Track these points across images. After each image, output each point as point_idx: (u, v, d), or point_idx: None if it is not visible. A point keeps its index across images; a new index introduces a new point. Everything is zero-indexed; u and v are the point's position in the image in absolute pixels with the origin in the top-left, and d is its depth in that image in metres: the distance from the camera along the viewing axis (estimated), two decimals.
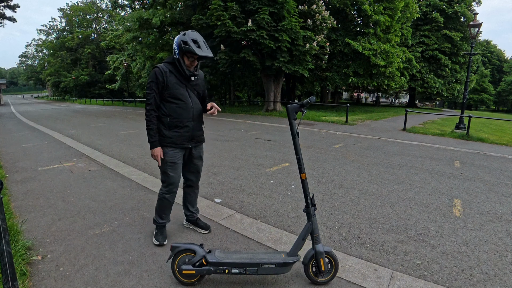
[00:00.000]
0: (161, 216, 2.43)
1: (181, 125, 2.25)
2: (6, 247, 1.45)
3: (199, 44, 2.10)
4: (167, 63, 2.24)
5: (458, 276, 2.07)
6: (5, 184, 3.83)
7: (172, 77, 2.20)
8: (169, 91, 2.20)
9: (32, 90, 79.73)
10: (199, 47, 2.10)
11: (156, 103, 2.21)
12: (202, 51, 2.10)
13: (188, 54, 2.13)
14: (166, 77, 2.17)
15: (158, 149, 2.24)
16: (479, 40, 41.12)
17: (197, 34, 2.15)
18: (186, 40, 2.08)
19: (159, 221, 2.44)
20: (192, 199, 2.59)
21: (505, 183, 4.27)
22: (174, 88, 2.20)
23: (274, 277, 1.99)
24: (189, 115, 2.26)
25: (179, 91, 2.22)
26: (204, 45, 2.13)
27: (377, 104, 38.98)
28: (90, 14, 51.14)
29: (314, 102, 1.74)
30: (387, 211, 3.14)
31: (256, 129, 9.65)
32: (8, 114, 17.44)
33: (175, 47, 2.16)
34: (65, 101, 42.87)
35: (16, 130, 9.44)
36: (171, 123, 2.23)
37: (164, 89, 2.19)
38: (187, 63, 2.19)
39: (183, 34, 2.12)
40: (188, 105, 2.25)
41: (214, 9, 13.13)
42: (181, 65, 2.17)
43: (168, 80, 2.18)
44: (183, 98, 2.23)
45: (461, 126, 10.00)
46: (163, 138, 2.26)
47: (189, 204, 2.59)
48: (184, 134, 2.27)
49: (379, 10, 16.68)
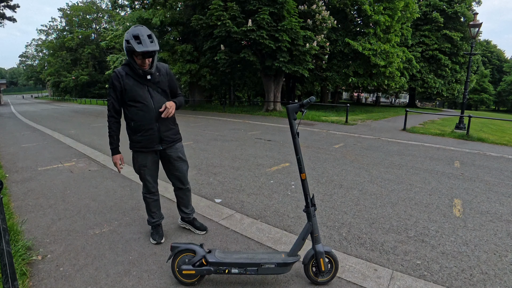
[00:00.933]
0: (151, 216, 2.46)
1: (145, 128, 2.17)
2: (6, 247, 1.45)
3: (141, 40, 1.96)
4: (125, 65, 2.14)
5: (458, 276, 2.07)
6: (5, 184, 3.83)
7: (129, 80, 2.11)
8: (128, 94, 2.12)
9: (32, 90, 79.68)
10: (140, 42, 1.96)
11: (115, 109, 2.17)
12: (143, 46, 1.95)
13: (133, 53, 2.01)
14: (122, 81, 2.09)
15: (116, 156, 2.27)
16: (479, 40, 41.13)
17: (141, 28, 2.00)
18: (127, 39, 1.97)
19: (151, 220, 2.47)
20: (185, 201, 2.54)
21: (505, 183, 4.27)
22: (133, 90, 2.11)
23: (274, 277, 1.99)
24: (151, 116, 2.16)
25: (138, 93, 2.12)
26: (147, 39, 1.97)
27: (377, 104, 38.99)
28: (90, 14, 51.14)
29: (314, 102, 1.73)
30: (387, 211, 3.14)
31: (256, 129, 9.65)
32: (8, 114, 17.43)
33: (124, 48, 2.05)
34: (65, 101, 42.85)
35: (16, 130, 9.43)
36: (135, 128, 2.18)
37: (123, 94, 2.12)
38: (138, 62, 2.07)
39: (127, 33, 2.01)
40: (148, 106, 2.14)
41: (214, 9, 13.13)
42: (133, 66, 2.08)
43: (125, 83, 2.10)
44: (142, 99, 2.13)
45: (461, 126, 10.00)
46: (132, 143, 2.25)
47: (183, 207, 2.56)
48: (150, 137, 2.20)
49: (379, 10, 16.68)
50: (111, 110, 2.18)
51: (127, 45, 1.98)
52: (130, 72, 2.11)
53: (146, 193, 2.41)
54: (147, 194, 2.41)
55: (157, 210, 2.47)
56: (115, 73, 2.11)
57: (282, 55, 13.83)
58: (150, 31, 2.04)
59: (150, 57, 2.05)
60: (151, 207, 2.44)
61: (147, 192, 2.41)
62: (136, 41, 1.96)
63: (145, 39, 1.97)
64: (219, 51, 14.51)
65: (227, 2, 13.16)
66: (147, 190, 2.40)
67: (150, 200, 2.42)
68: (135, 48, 1.94)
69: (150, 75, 2.12)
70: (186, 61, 17.50)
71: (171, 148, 2.33)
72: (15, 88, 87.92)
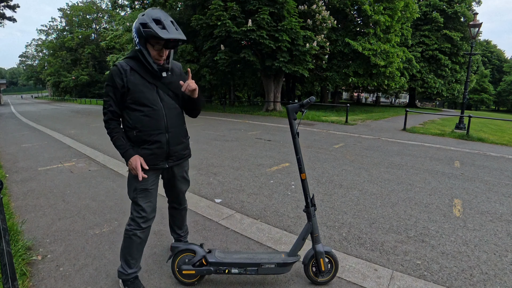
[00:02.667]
0: (129, 264, 1.77)
1: (151, 139, 1.69)
2: (6, 247, 1.45)
3: (164, 25, 1.53)
4: (129, 59, 1.69)
5: (458, 276, 2.07)
6: (5, 184, 3.83)
7: (134, 77, 1.65)
8: (132, 95, 1.65)
9: (32, 90, 79.77)
10: (164, 28, 1.53)
11: (116, 112, 1.68)
12: (169, 33, 1.52)
13: (151, 40, 1.57)
14: (126, 78, 1.63)
15: (135, 157, 1.67)
16: (479, 40, 41.16)
17: (160, 12, 1.59)
18: (145, 22, 1.52)
19: (128, 271, 1.77)
20: (179, 222, 2.17)
21: (505, 183, 4.27)
22: (138, 91, 1.65)
23: (274, 277, 1.99)
24: (160, 125, 1.70)
25: (145, 95, 1.67)
26: (172, 26, 1.57)
27: (377, 104, 39.00)
28: (90, 14, 51.16)
29: (314, 102, 1.73)
30: (387, 211, 3.14)
31: (256, 129, 9.65)
32: (8, 114, 17.43)
33: (134, 34, 1.60)
34: (65, 101, 42.85)
35: (16, 130, 9.43)
36: (138, 138, 1.69)
37: (125, 94, 1.66)
38: (153, 54, 1.63)
39: (142, 15, 1.58)
40: (158, 112, 1.69)
41: (214, 9, 13.14)
42: (146, 58, 1.62)
43: (129, 81, 1.63)
44: (150, 103, 1.67)
45: (461, 126, 10.01)
46: None
47: (175, 227, 2.18)
48: (156, 151, 1.72)
49: (379, 10, 16.69)
50: (108, 113, 1.67)
51: (144, 29, 1.52)
52: (136, 67, 1.66)
53: (136, 228, 1.74)
54: (136, 229, 1.74)
55: (140, 256, 1.82)
56: (116, 68, 1.64)
57: (282, 55, 13.83)
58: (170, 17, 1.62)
59: (174, 47, 1.65)
60: (134, 249, 1.76)
61: (137, 227, 1.74)
62: (158, 25, 1.52)
63: (169, 24, 1.56)
64: (219, 51, 14.51)
65: (227, 2, 13.17)
66: (137, 224, 1.73)
67: (137, 239, 1.75)
68: (159, 34, 1.49)
69: (166, 72, 1.71)
70: (186, 61, 17.49)
71: (178, 166, 1.90)
72: (15, 88, 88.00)
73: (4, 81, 49.96)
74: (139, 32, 1.56)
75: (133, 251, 1.77)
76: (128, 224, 1.77)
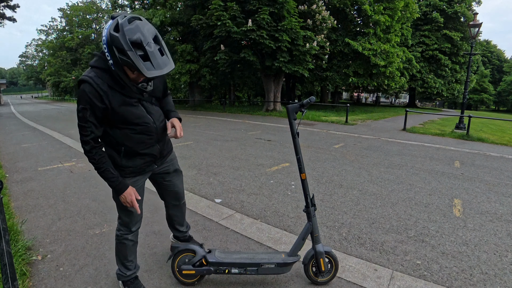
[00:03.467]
0: (126, 266, 1.78)
1: (143, 152, 1.60)
2: (6, 247, 1.45)
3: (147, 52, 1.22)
4: (101, 71, 1.38)
5: (458, 276, 2.07)
6: (5, 184, 3.84)
7: (116, 95, 1.42)
8: (117, 116, 1.45)
9: (32, 90, 79.74)
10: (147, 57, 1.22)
11: (98, 137, 1.49)
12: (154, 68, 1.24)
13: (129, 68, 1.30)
14: (107, 100, 1.39)
15: (129, 191, 1.56)
16: (479, 40, 41.14)
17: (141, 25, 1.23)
18: (122, 47, 1.20)
19: (127, 273, 1.79)
20: (179, 219, 2.11)
21: (505, 183, 4.27)
22: (124, 111, 1.45)
23: (274, 277, 1.99)
24: (152, 138, 1.60)
25: (132, 113, 1.49)
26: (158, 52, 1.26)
27: (377, 104, 38.99)
28: (90, 14, 51.11)
29: (314, 102, 1.73)
30: (387, 211, 3.14)
31: (256, 129, 9.65)
32: (8, 114, 17.43)
33: (105, 49, 1.28)
34: (65, 101, 42.83)
35: (16, 130, 9.43)
36: (127, 153, 1.57)
37: (107, 115, 1.44)
38: (132, 77, 1.38)
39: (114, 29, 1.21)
40: (150, 128, 1.57)
41: (214, 9, 13.14)
42: (123, 80, 1.38)
43: (111, 102, 1.40)
44: (141, 120, 1.53)
45: (461, 126, 10.01)
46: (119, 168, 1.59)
47: (177, 225, 2.13)
48: (148, 160, 1.66)
49: (379, 10, 16.69)
50: (91, 142, 1.44)
51: (119, 55, 1.22)
52: (113, 84, 1.40)
53: (126, 232, 1.74)
54: (127, 234, 1.74)
55: (135, 256, 1.84)
56: (91, 87, 1.35)
57: (282, 55, 13.84)
58: (153, 29, 1.30)
59: None
60: (128, 252, 1.77)
61: (127, 231, 1.74)
62: (139, 53, 1.22)
63: (153, 50, 1.24)
64: (219, 51, 14.52)
65: (227, 2, 13.17)
66: (128, 228, 1.73)
67: (129, 243, 1.76)
68: (140, 71, 1.23)
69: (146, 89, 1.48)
70: (186, 61, 17.51)
71: (167, 162, 1.83)
72: (15, 88, 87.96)
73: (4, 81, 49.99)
74: (112, 53, 1.24)
75: (128, 254, 1.78)
76: (118, 229, 1.76)
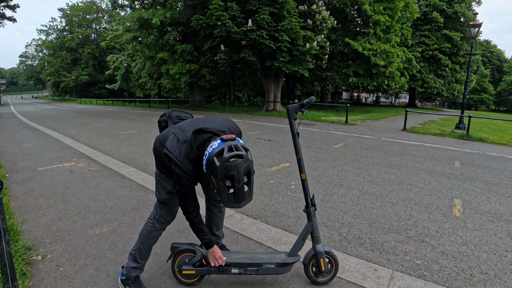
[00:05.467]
0: (140, 260, 1.82)
1: None
2: (6, 247, 1.45)
3: (235, 187, 1.33)
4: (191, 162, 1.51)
5: (458, 276, 2.07)
6: (5, 184, 3.83)
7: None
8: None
9: (32, 90, 79.76)
10: (235, 191, 1.35)
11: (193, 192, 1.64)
12: (234, 202, 1.37)
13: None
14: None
15: (217, 247, 1.77)
16: (479, 40, 41.15)
17: (239, 164, 1.30)
18: (217, 175, 1.33)
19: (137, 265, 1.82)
20: (217, 222, 2.12)
21: (505, 183, 4.27)
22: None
23: (274, 277, 1.99)
24: None
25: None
26: (242, 191, 1.36)
27: (377, 104, 39.00)
28: (90, 14, 51.11)
29: (314, 102, 1.73)
30: (387, 211, 3.14)
31: (256, 129, 9.65)
32: (8, 114, 17.43)
33: (204, 160, 1.41)
34: (65, 101, 42.85)
35: (16, 130, 9.43)
36: None
37: None
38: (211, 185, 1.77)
39: (217, 155, 1.33)
40: None
41: (214, 9, 13.13)
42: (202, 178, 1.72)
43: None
44: None
45: (461, 126, 10.01)
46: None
47: (214, 227, 2.12)
48: None
49: (379, 10, 16.69)
50: (189, 199, 1.59)
51: (213, 178, 1.35)
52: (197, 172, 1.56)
53: (161, 228, 1.82)
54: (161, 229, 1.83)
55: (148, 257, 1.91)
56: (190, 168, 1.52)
57: (282, 55, 13.83)
58: (250, 167, 1.36)
59: None
60: (150, 246, 1.85)
61: (161, 227, 1.83)
62: (227, 184, 1.32)
63: (240, 187, 1.33)
64: (219, 51, 14.51)
65: (227, 2, 13.16)
66: (161, 225, 1.81)
67: (157, 235, 1.85)
68: (223, 202, 1.37)
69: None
70: (186, 61, 17.49)
71: None
72: (15, 88, 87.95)
73: (4, 81, 49.96)
74: (208, 169, 1.37)
75: (147, 249, 1.84)
76: (152, 224, 1.81)
